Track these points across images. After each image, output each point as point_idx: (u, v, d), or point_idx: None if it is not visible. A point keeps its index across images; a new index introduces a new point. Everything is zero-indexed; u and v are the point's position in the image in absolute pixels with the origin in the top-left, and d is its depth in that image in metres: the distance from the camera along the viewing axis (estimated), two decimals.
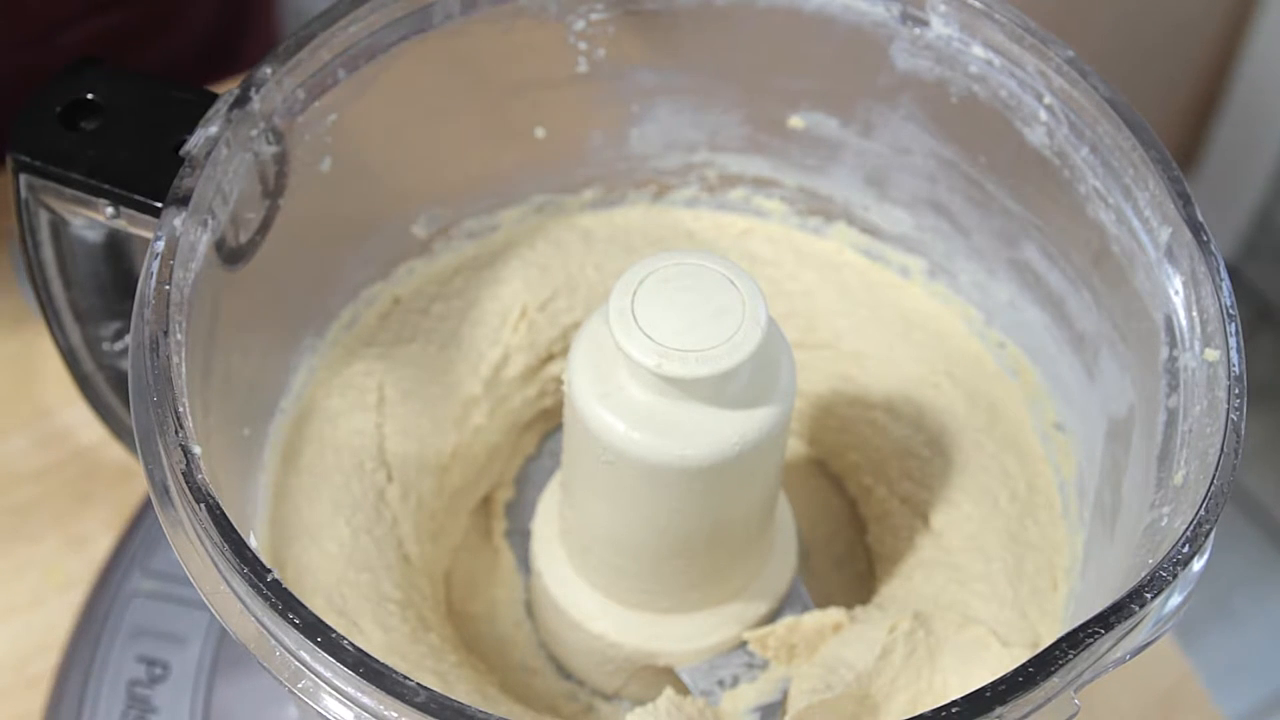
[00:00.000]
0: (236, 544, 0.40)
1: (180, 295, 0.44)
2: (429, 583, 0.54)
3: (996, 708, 0.38)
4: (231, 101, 0.47)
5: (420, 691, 0.37)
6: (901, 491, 0.57)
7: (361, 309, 0.58)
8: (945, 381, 0.58)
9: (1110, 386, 0.52)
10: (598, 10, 0.55)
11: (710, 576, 0.53)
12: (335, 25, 0.49)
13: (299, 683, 0.39)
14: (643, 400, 0.46)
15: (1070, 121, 0.51)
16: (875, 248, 0.61)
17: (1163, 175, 0.48)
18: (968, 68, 0.53)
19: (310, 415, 0.55)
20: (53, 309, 0.54)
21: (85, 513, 0.68)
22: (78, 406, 0.59)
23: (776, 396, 0.47)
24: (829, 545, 0.60)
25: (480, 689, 0.51)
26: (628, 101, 0.59)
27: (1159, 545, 0.43)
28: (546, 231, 0.61)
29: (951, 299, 0.59)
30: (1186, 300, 0.46)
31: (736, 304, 0.46)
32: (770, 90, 0.58)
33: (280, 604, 0.39)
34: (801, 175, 0.60)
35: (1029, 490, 0.55)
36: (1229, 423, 0.43)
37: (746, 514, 0.51)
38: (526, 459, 0.61)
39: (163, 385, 0.42)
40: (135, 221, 0.47)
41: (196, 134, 0.46)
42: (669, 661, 0.53)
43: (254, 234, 0.49)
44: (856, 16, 0.54)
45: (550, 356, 0.59)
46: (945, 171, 0.57)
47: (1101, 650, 0.40)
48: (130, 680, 0.62)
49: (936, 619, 0.52)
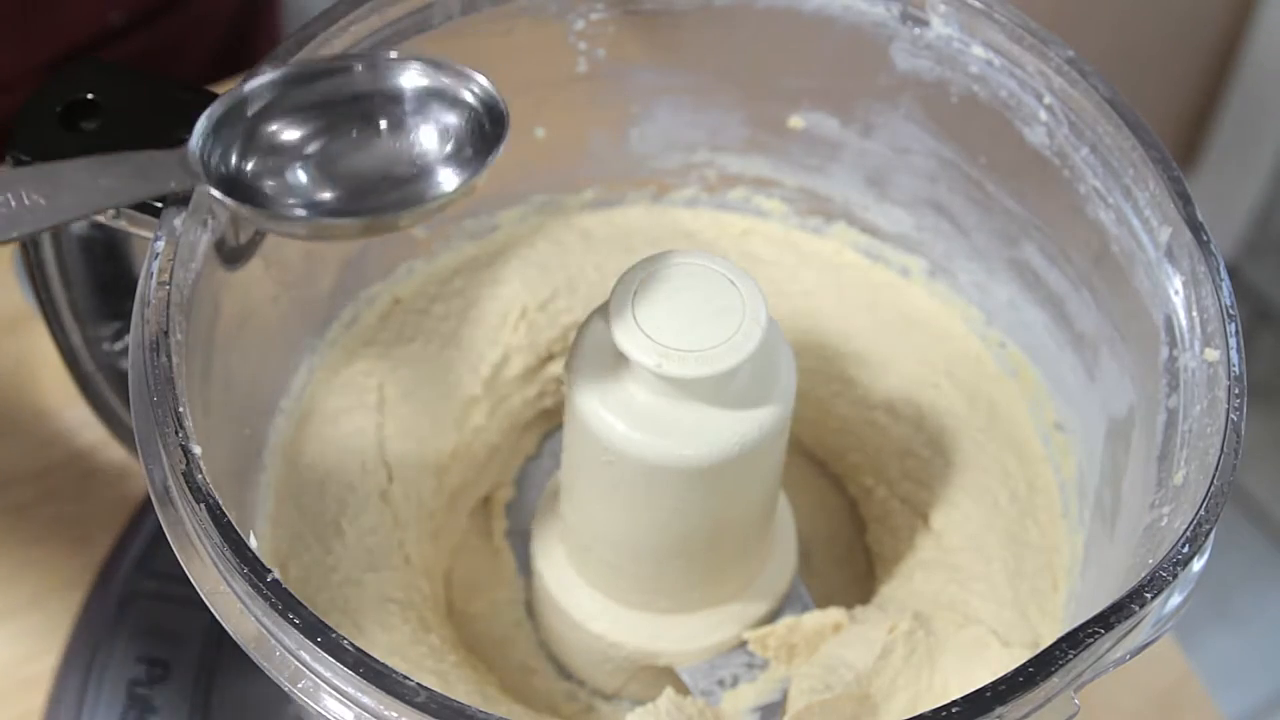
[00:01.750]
0: (236, 544, 0.40)
1: (180, 295, 0.44)
2: (429, 583, 0.54)
3: (996, 708, 0.38)
4: None
5: (420, 691, 0.37)
6: (901, 491, 0.57)
7: (361, 309, 0.58)
8: (945, 381, 0.58)
9: (1110, 386, 0.52)
10: (598, 10, 0.55)
11: (710, 576, 0.53)
12: (335, 25, 0.49)
13: (299, 683, 0.39)
14: (643, 400, 0.46)
15: (1070, 121, 0.51)
16: (875, 248, 0.61)
17: (1163, 175, 0.48)
18: (968, 68, 0.53)
19: (310, 415, 0.55)
20: (53, 309, 0.54)
21: (85, 513, 0.68)
22: (78, 406, 0.59)
23: (776, 396, 0.47)
24: (829, 545, 0.60)
25: (480, 689, 0.51)
26: (628, 101, 0.59)
27: (1159, 545, 0.43)
28: (546, 231, 0.61)
29: (951, 299, 0.59)
30: (1186, 300, 0.46)
31: (736, 304, 0.46)
32: (770, 90, 0.58)
33: (280, 604, 0.39)
34: (801, 175, 0.60)
35: (1029, 490, 0.55)
36: (1229, 423, 0.43)
37: (746, 514, 0.51)
38: (526, 459, 0.61)
39: (163, 385, 0.42)
40: (135, 221, 0.47)
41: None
42: (669, 661, 0.53)
43: (254, 234, 0.49)
44: (856, 16, 0.54)
45: (550, 356, 0.59)
46: (945, 171, 0.57)
47: (1101, 650, 0.40)
48: (130, 680, 0.62)
49: (936, 619, 0.52)
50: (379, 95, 0.46)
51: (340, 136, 0.45)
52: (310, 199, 0.45)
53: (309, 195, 0.45)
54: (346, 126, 0.46)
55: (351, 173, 0.45)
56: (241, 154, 0.45)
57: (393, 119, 0.46)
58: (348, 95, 0.46)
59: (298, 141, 0.45)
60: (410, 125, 0.46)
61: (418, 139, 0.46)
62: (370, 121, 0.46)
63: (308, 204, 0.45)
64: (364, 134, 0.46)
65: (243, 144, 0.45)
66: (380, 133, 0.46)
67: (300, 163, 0.45)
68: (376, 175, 0.45)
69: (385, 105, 0.46)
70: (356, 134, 0.46)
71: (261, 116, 0.45)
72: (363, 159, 0.46)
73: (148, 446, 0.42)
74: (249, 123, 0.45)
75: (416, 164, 0.45)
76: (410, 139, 0.46)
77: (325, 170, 0.45)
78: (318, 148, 0.45)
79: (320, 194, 0.45)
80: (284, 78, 0.45)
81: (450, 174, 0.45)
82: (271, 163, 0.45)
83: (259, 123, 0.45)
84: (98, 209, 0.43)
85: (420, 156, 0.46)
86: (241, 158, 0.45)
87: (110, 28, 0.85)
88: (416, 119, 0.46)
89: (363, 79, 0.46)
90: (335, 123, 0.46)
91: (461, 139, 0.45)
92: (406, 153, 0.46)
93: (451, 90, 0.45)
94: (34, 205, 0.41)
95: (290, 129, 0.45)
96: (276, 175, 0.45)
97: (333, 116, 0.46)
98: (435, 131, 0.45)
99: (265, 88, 0.45)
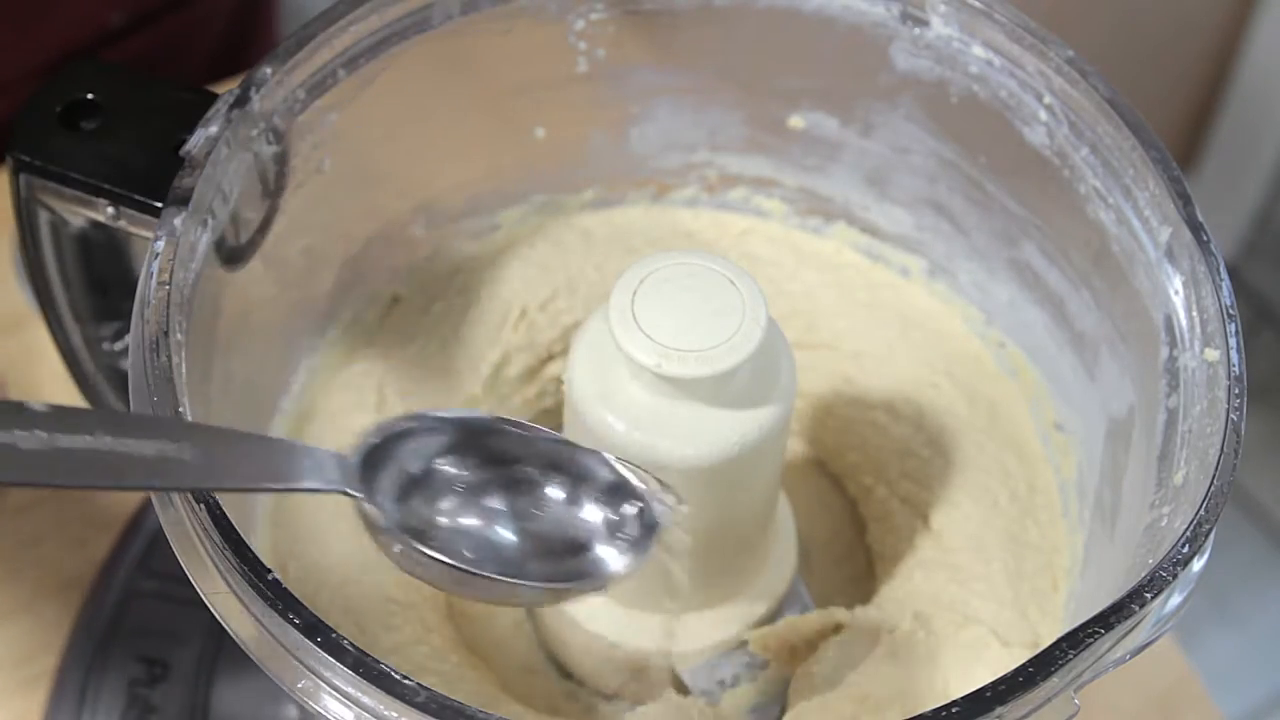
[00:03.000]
0: (236, 544, 0.40)
1: (180, 295, 0.44)
2: None
3: (996, 708, 0.38)
4: (231, 101, 0.47)
5: (420, 691, 0.37)
6: (901, 491, 0.57)
7: (361, 309, 0.58)
8: (945, 381, 0.58)
9: (1110, 386, 0.52)
10: (598, 10, 0.55)
11: (710, 577, 0.53)
12: (335, 25, 0.49)
13: (299, 683, 0.39)
14: (643, 400, 0.46)
15: (1070, 121, 0.51)
16: (875, 248, 0.61)
17: (1163, 175, 0.48)
18: (968, 68, 0.53)
19: (311, 415, 0.55)
20: (53, 309, 0.54)
21: (85, 513, 0.68)
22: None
23: (776, 396, 0.47)
24: (829, 545, 0.60)
25: (480, 689, 0.51)
26: (628, 101, 0.59)
27: (1159, 545, 0.43)
28: (546, 231, 0.61)
29: (951, 299, 0.59)
30: (1186, 300, 0.46)
31: (736, 304, 0.46)
32: (770, 90, 0.58)
33: (280, 604, 0.39)
34: (801, 175, 0.60)
35: (1029, 490, 0.55)
36: (1229, 423, 0.43)
37: (746, 514, 0.51)
38: None
39: (163, 385, 0.42)
40: (135, 221, 0.47)
41: (196, 134, 0.46)
42: (669, 661, 0.53)
43: (254, 234, 0.49)
44: (856, 16, 0.54)
45: (550, 356, 0.59)
46: (945, 171, 0.57)
47: (1101, 650, 0.40)
48: (130, 680, 0.62)
49: (936, 619, 0.52)
50: (557, 467, 0.43)
51: (506, 495, 0.43)
52: (472, 552, 0.42)
53: (470, 547, 0.42)
54: (515, 487, 0.43)
55: (517, 534, 0.42)
56: (402, 486, 0.42)
57: (564, 488, 0.43)
58: (512, 456, 0.43)
59: (465, 492, 0.42)
60: (577, 498, 0.43)
61: (583, 513, 0.43)
62: (537, 487, 0.43)
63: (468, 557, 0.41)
64: (533, 498, 0.43)
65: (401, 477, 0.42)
66: (547, 500, 0.43)
67: (465, 513, 0.42)
68: (538, 542, 0.43)
69: (557, 475, 0.43)
70: (522, 497, 0.43)
71: (423, 454, 0.43)
72: (530, 523, 0.43)
73: None
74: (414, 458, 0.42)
75: (581, 539, 0.43)
76: (577, 512, 0.43)
77: (490, 524, 0.42)
78: (482, 503, 0.42)
79: (476, 549, 0.42)
80: (449, 424, 0.43)
81: (612, 552, 0.43)
82: (437, 506, 0.42)
83: (426, 464, 0.43)
84: (241, 489, 0.40)
85: (586, 531, 0.43)
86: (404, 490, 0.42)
87: (110, 28, 0.85)
88: (580, 492, 0.43)
89: (541, 449, 0.43)
90: (500, 480, 0.43)
91: (625, 521, 0.43)
92: (573, 524, 0.43)
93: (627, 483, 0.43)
94: (178, 461, 0.38)
95: (459, 476, 0.43)
96: (441, 519, 0.42)
97: (498, 473, 0.43)
98: (599, 510, 0.43)
99: (433, 425, 0.42)
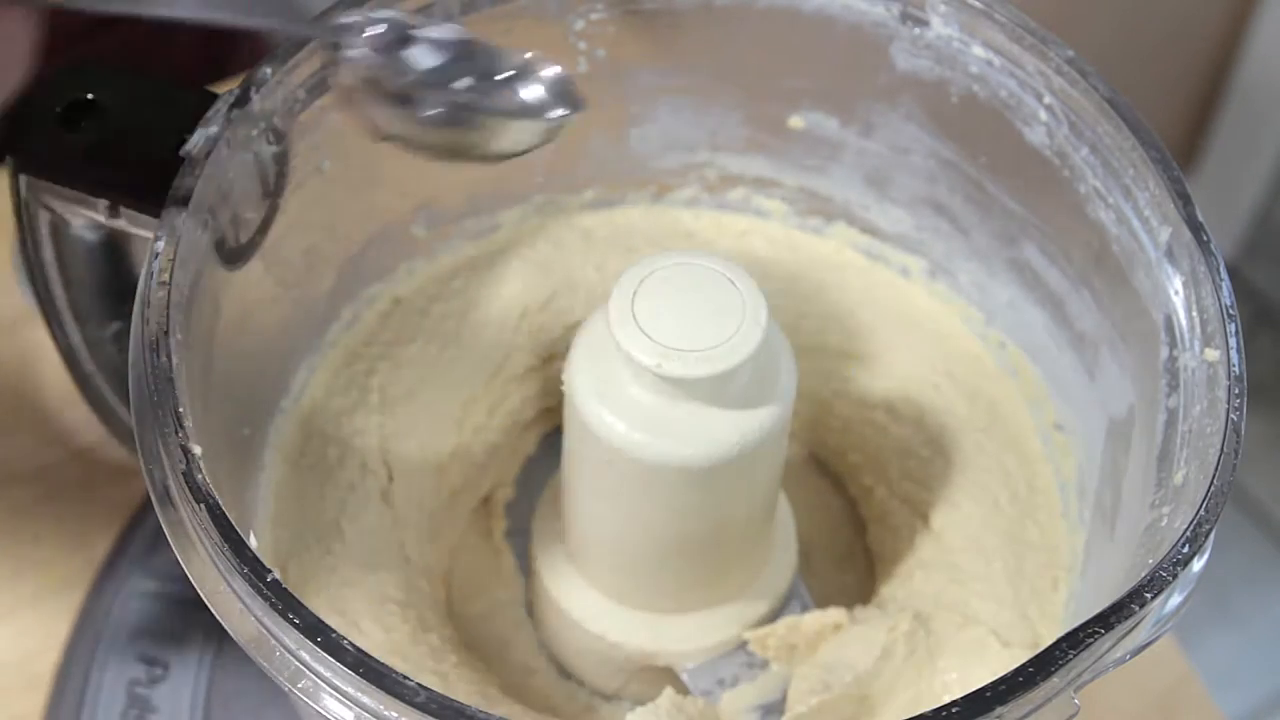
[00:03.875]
0: (236, 544, 0.40)
1: (180, 295, 0.44)
2: (429, 583, 0.54)
3: (996, 708, 0.38)
4: (231, 101, 0.47)
5: (420, 691, 0.37)
6: (901, 491, 0.57)
7: (361, 309, 0.58)
8: (945, 381, 0.58)
9: (1110, 386, 0.52)
10: (598, 10, 0.55)
11: (710, 576, 0.53)
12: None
13: (299, 683, 0.39)
14: (643, 400, 0.46)
15: (1070, 121, 0.51)
16: (875, 248, 0.61)
17: (1163, 175, 0.48)
18: (968, 68, 0.53)
19: (311, 415, 0.55)
20: (53, 309, 0.54)
21: (85, 513, 0.68)
22: (78, 406, 0.59)
23: (776, 396, 0.47)
24: (829, 545, 0.60)
25: (480, 689, 0.51)
26: (628, 101, 0.59)
27: (1159, 545, 0.43)
28: (546, 231, 0.61)
29: (951, 299, 0.59)
30: (1186, 300, 0.46)
31: (736, 304, 0.46)
32: (770, 90, 0.58)
33: (280, 604, 0.39)
34: (801, 175, 0.60)
35: (1029, 490, 0.55)
36: (1229, 423, 0.43)
37: (746, 514, 0.51)
38: (526, 459, 0.61)
39: (163, 385, 0.42)
40: (135, 221, 0.47)
41: (196, 134, 0.46)
42: (669, 661, 0.53)
43: (254, 234, 0.49)
44: (856, 16, 0.54)
45: (551, 356, 0.59)
46: (945, 171, 0.57)
47: (1101, 650, 0.40)
48: (130, 680, 0.62)
49: (936, 619, 0.52)
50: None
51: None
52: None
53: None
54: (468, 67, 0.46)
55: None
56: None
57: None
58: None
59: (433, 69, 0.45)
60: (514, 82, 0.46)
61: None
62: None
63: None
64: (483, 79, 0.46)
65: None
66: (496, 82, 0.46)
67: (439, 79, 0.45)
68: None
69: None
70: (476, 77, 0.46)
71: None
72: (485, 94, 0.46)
73: (148, 446, 0.42)
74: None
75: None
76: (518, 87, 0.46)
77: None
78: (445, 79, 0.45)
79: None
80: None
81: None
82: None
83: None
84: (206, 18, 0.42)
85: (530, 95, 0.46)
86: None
87: (100, 15, 0.85)
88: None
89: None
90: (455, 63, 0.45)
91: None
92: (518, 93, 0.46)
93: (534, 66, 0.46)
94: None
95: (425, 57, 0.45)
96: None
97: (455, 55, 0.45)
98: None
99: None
